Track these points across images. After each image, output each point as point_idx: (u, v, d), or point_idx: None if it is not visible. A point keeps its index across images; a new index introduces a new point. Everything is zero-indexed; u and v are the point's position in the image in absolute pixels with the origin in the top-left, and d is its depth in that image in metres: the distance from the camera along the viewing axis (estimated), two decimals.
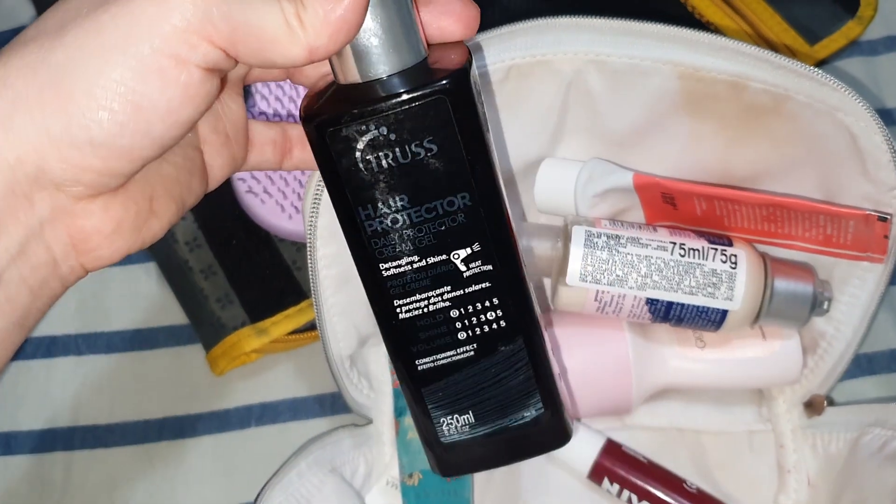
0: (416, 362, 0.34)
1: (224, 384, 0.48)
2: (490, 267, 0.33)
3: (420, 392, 0.35)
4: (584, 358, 0.44)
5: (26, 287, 0.30)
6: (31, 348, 0.49)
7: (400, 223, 0.32)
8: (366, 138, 0.30)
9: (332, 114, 0.30)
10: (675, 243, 0.42)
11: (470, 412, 0.35)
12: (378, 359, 0.46)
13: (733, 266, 0.42)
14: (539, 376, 0.35)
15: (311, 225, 0.39)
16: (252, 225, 0.48)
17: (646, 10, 0.55)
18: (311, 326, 0.47)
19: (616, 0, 0.55)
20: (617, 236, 0.42)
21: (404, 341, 0.34)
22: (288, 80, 0.36)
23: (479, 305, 0.33)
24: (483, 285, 0.33)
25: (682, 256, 0.42)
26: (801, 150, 0.42)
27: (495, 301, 0.33)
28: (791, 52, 0.54)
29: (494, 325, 0.34)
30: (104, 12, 0.27)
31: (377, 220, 0.32)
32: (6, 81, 0.27)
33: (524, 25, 0.40)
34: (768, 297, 0.42)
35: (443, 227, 0.32)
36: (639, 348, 0.44)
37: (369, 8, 0.29)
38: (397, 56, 0.30)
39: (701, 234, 0.43)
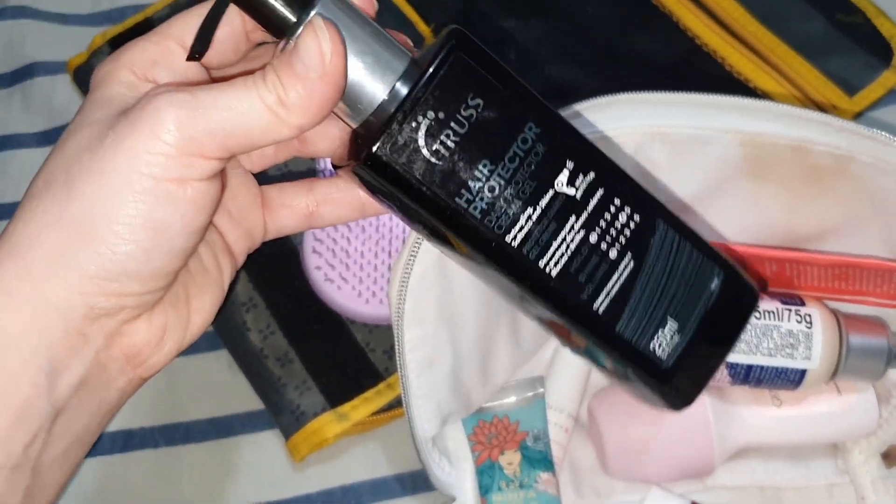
0: (594, 307, 0.33)
1: (303, 468, 0.48)
2: (593, 174, 0.33)
3: (616, 333, 0.33)
4: (665, 425, 0.44)
5: (85, 411, 0.32)
6: (108, 443, 0.50)
7: (498, 187, 0.31)
8: (422, 131, 0.30)
9: (380, 135, 0.30)
10: None
11: (668, 318, 0.34)
12: (456, 435, 0.46)
13: (808, 325, 0.42)
14: (698, 245, 0.34)
15: (398, 309, 0.40)
16: (324, 310, 0.49)
17: (690, 72, 0.57)
18: (389, 407, 0.47)
19: (658, 65, 0.57)
20: None
21: (571, 295, 0.33)
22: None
23: (607, 215, 0.33)
24: (598, 194, 0.33)
25: (758, 319, 0.42)
26: (866, 207, 0.42)
27: (617, 202, 0.33)
28: (832, 105, 0.55)
29: (632, 224, 0.33)
30: (104, 158, 0.29)
31: (477, 198, 0.31)
32: (38, 239, 0.30)
33: (585, 105, 0.41)
34: (844, 353, 0.42)
35: (532, 166, 0.32)
36: (718, 411, 0.44)
37: (348, 53, 0.30)
38: (392, 67, 0.31)
39: (773, 296, 0.43)
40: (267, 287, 0.49)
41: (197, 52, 0.31)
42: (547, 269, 0.32)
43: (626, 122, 0.42)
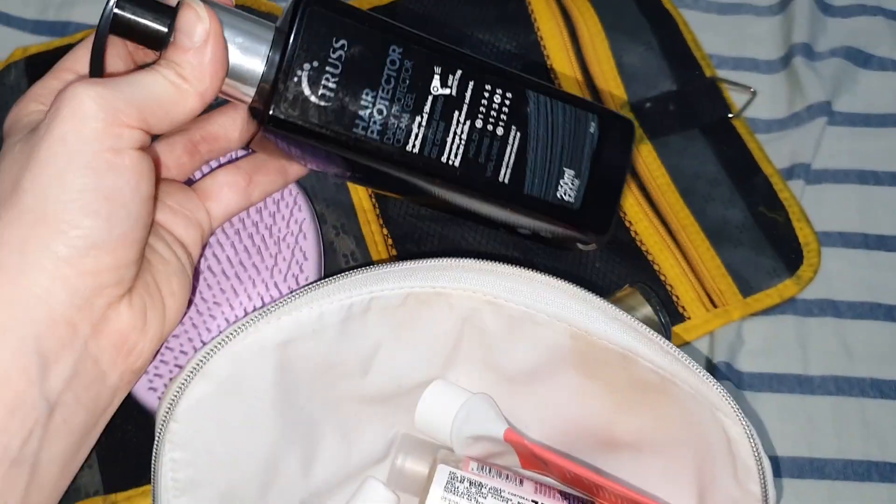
0: (500, 179, 0.38)
1: None
2: (460, 71, 0.38)
3: (526, 195, 0.39)
4: None
5: (82, 407, 0.33)
6: None
7: (385, 108, 0.36)
8: (304, 82, 0.35)
9: (273, 98, 0.35)
10: (536, 503, 0.41)
11: (564, 169, 0.39)
12: None
13: None
14: (569, 100, 0.40)
15: (161, 428, 0.38)
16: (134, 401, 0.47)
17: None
18: None
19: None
20: (480, 484, 0.41)
21: (478, 177, 0.38)
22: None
23: (484, 101, 0.38)
24: (471, 86, 0.38)
25: None
26: (683, 432, 0.41)
27: (488, 87, 0.38)
28: (722, 300, 0.53)
29: (507, 101, 0.39)
30: (38, 152, 0.32)
31: (371, 122, 0.36)
32: (4, 237, 0.32)
33: (427, 264, 0.40)
34: None
35: (407, 81, 0.37)
36: None
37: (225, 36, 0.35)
38: (262, 41, 0.35)
39: (566, 497, 0.41)
40: None
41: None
42: (450, 162, 0.37)
43: (462, 284, 0.41)
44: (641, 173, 0.57)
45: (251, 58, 0.35)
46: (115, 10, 0.35)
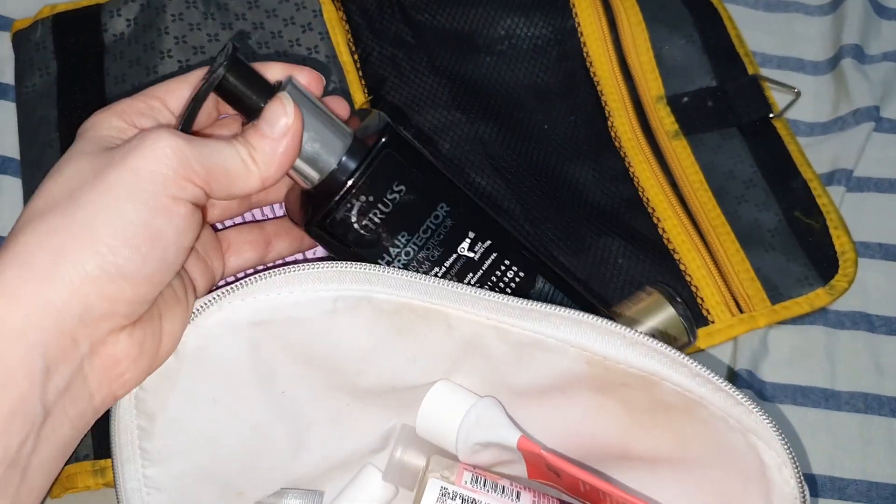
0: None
1: None
2: (490, 241, 0.41)
3: None
4: None
5: (68, 420, 0.34)
6: None
7: (413, 252, 0.40)
8: (354, 211, 0.38)
9: (323, 211, 0.38)
10: None
11: None
12: None
13: None
14: (572, 296, 0.43)
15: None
16: None
17: (616, 223, 0.53)
18: None
19: (588, 204, 0.53)
20: (473, 500, 0.39)
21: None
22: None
23: (498, 272, 0.42)
24: (493, 257, 0.42)
25: None
26: (707, 453, 0.38)
27: (507, 262, 0.42)
28: (749, 305, 0.51)
29: (517, 279, 0.42)
30: (107, 175, 0.34)
31: (396, 259, 0.40)
32: (41, 245, 0.33)
33: (428, 280, 0.38)
34: None
35: (441, 236, 0.40)
36: None
37: (306, 132, 0.37)
38: (337, 146, 0.38)
39: None
40: None
41: (184, 130, 0.37)
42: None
43: (464, 305, 0.39)
44: (674, 169, 0.55)
45: (327, 156, 0.38)
46: (225, 74, 0.36)
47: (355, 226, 0.39)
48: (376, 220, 0.39)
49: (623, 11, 0.59)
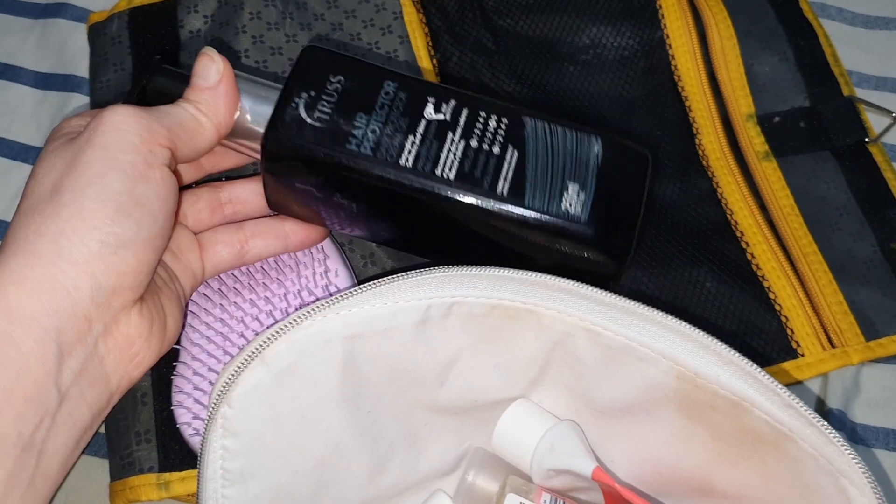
0: (498, 191, 0.38)
1: None
2: (454, 101, 0.40)
3: (528, 205, 0.38)
4: None
5: (86, 404, 0.34)
6: None
7: (378, 129, 0.39)
8: (302, 106, 0.38)
9: (268, 125, 0.39)
10: None
11: (567, 182, 0.39)
12: None
13: None
14: (569, 126, 0.40)
15: (212, 413, 0.35)
16: None
17: (705, 248, 0.50)
18: None
19: (675, 224, 0.51)
20: None
21: (474, 187, 0.38)
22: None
23: (479, 125, 0.39)
24: (465, 112, 0.40)
25: None
26: (793, 494, 0.36)
27: (483, 114, 0.40)
28: (842, 339, 0.48)
29: (502, 125, 0.40)
30: (80, 157, 0.35)
31: (364, 139, 0.38)
32: (41, 231, 0.34)
33: (519, 275, 0.36)
34: None
35: (400, 108, 0.39)
36: None
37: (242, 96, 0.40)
38: (272, 95, 0.40)
39: None
40: None
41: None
42: (444, 175, 0.38)
43: (556, 304, 0.37)
44: (764, 192, 0.52)
45: (262, 105, 0.40)
46: (152, 77, 0.41)
47: (308, 120, 0.38)
48: (327, 109, 0.39)
49: (714, 24, 0.56)
